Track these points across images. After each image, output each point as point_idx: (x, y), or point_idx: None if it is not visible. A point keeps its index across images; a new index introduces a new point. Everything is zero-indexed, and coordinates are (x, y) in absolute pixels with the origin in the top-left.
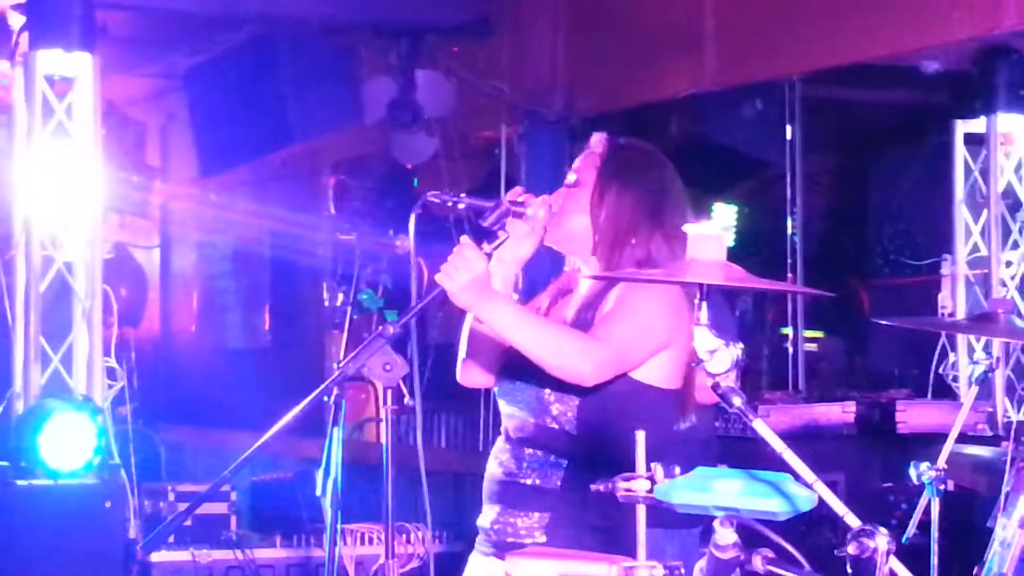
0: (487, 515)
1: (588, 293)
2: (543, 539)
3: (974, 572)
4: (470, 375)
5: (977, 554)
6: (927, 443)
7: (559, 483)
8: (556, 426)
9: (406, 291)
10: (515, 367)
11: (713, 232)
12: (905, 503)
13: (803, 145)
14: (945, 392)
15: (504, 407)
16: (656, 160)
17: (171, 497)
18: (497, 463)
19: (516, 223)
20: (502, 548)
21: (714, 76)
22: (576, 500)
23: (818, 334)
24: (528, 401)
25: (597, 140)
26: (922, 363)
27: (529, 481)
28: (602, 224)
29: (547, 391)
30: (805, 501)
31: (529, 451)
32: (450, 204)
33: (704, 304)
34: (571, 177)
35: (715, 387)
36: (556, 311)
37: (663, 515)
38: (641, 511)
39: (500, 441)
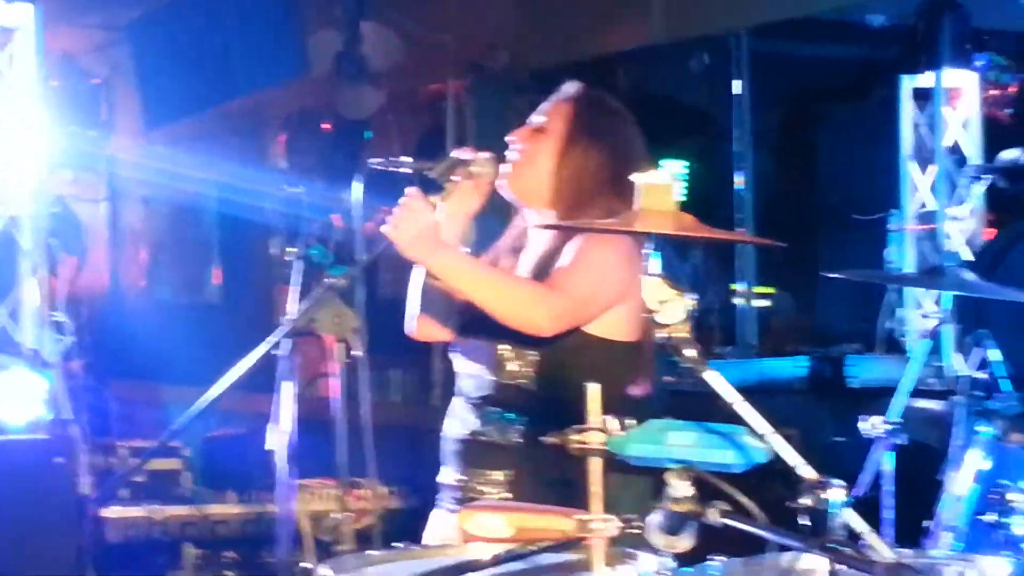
0: (449, 473)
1: (543, 248)
2: (509, 495)
3: (924, 525)
4: (424, 330)
5: (928, 507)
6: (879, 397)
7: (519, 439)
8: (514, 383)
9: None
10: (471, 324)
11: (664, 180)
12: (856, 457)
13: (750, 100)
14: (896, 347)
15: (461, 365)
16: (627, 119)
17: (122, 453)
18: (456, 422)
19: (462, 179)
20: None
21: (661, 29)
22: (536, 455)
23: (769, 290)
24: (485, 359)
25: (573, 87)
26: (871, 318)
27: (489, 438)
28: (565, 179)
29: (504, 348)
30: (760, 453)
31: (488, 409)
32: (392, 169)
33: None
34: (538, 119)
35: (667, 338)
36: (509, 266)
37: (619, 462)
38: (596, 463)
39: (457, 400)
